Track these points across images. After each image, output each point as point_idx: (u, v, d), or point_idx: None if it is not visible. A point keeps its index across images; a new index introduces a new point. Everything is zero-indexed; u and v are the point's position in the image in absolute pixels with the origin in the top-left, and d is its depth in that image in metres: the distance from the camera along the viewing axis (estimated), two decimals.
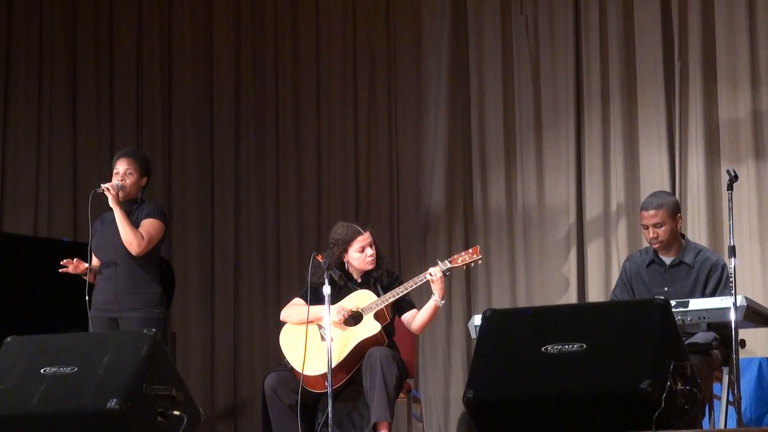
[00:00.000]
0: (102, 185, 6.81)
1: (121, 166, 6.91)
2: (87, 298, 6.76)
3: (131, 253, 6.77)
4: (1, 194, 9.51)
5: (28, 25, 9.68)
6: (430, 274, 6.45)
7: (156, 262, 6.97)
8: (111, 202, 6.78)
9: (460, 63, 9.02)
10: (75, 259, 6.81)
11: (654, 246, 6.54)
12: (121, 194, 6.81)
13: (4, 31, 9.63)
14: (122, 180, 6.86)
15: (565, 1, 8.68)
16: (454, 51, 9.02)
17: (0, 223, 9.45)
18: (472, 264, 6.58)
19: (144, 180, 6.97)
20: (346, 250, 6.60)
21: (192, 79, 9.75)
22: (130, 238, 6.75)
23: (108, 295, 6.79)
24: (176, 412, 5.44)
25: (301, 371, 6.35)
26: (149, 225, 6.83)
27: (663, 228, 6.48)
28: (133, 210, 6.87)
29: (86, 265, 6.80)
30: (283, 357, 6.51)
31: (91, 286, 6.85)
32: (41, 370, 5.52)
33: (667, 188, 8.12)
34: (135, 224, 6.79)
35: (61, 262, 6.80)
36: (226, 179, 9.62)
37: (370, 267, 6.61)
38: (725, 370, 6.28)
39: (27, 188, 9.55)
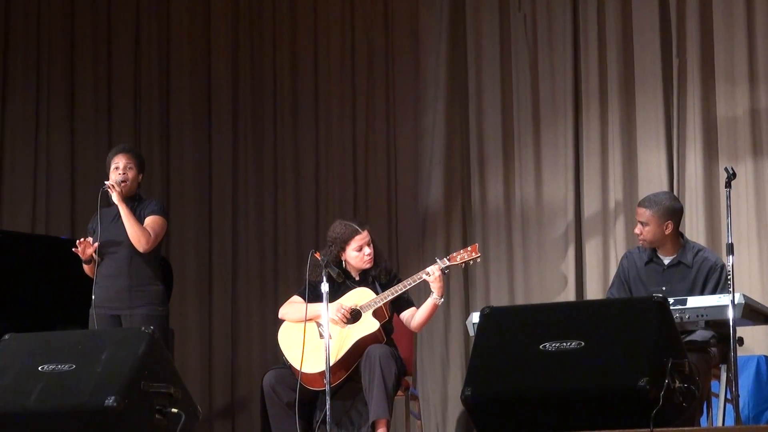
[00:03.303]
0: (107, 183, 6.83)
1: (120, 161, 6.93)
2: (93, 297, 6.78)
3: (138, 249, 6.80)
4: None
5: (26, 22, 9.66)
6: (428, 273, 6.45)
7: (158, 259, 7.00)
8: (116, 199, 6.82)
9: (459, 61, 9.01)
10: (86, 240, 6.82)
11: (640, 242, 6.54)
12: (123, 189, 6.84)
13: (2, 27, 9.62)
14: (123, 174, 6.88)
15: None
16: (453, 49, 9.02)
17: None
18: (471, 262, 6.58)
19: (140, 176, 7.00)
20: (343, 249, 6.59)
21: (190, 77, 9.75)
22: (138, 234, 6.79)
23: (111, 292, 6.81)
24: (174, 410, 5.45)
25: (299, 369, 6.34)
26: (153, 222, 6.88)
27: (647, 228, 6.47)
28: (135, 207, 6.90)
29: (95, 246, 6.81)
30: (282, 354, 6.51)
31: (92, 281, 6.87)
32: (39, 368, 5.52)
33: (665, 186, 8.12)
34: (139, 221, 6.84)
35: (77, 242, 6.83)
36: (224, 177, 9.61)
37: (367, 266, 6.60)
38: (723, 367, 6.28)
39: (25, 185, 9.54)
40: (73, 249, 6.84)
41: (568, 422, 5.13)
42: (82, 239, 6.86)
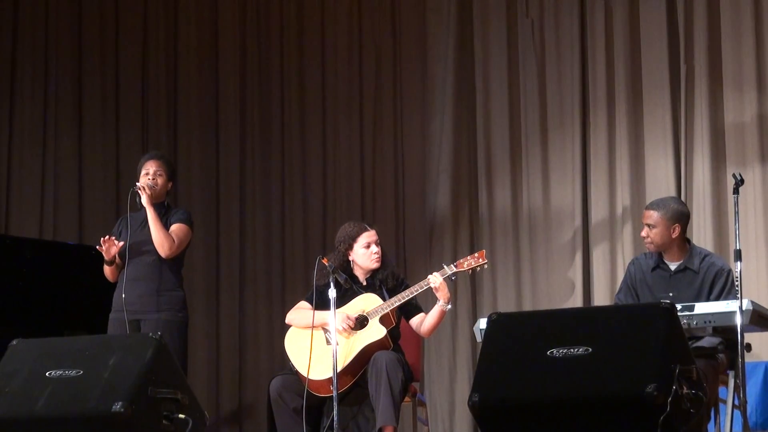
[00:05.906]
0: (138, 184, 6.84)
1: (151, 167, 6.95)
2: (123, 295, 6.78)
3: (161, 254, 6.81)
4: (7, 197, 9.52)
5: (33, 28, 9.68)
6: (431, 282, 6.43)
7: (181, 266, 7.01)
8: (145, 202, 6.83)
9: (466, 67, 9.02)
10: (110, 238, 6.80)
11: (646, 245, 6.54)
12: (152, 194, 6.84)
13: (10, 33, 9.64)
14: (153, 180, 6.89)
15: (570, 5, 8.68)
16: (460, 55, 9.03)
17: (6, 226, 9.46)
18: (478, 268, 6.57)
19: (170, 184, 7.01)
20: (351, 247, 6.59)
21: (197, 83, 9.77)
22: (162, 239, 6.80)
23: (133, 295, 6.82)
24: (181, 416, 5.44)
25: (306, 375, 6.34)
26: (179, 229, 6.90)
27: (654, 230, 6.46)
28: (162, 214, 6.90)
29: (119, 245, 6.80)
30: (288, 361, 6.50)
31: (113, 286, 6.87)
32: (47, 373, 5.52)
33: (672, 192, 8.12)
34: (165, 227, 6.85)
35: (102, 240, 6.80)
36: (232, 183, 9.62)
37: (375, 265, 6.59)
38: (731, 374, 6.27)
39: (33, 191, 9.55)
40: (97, 247, 6.83)
41: (575, 428, 5.13)
42: (107, 237, 6.85)
